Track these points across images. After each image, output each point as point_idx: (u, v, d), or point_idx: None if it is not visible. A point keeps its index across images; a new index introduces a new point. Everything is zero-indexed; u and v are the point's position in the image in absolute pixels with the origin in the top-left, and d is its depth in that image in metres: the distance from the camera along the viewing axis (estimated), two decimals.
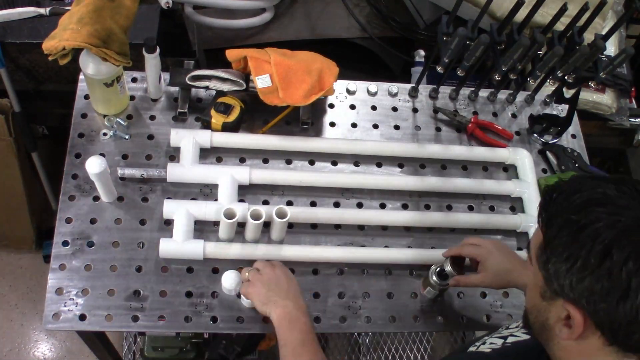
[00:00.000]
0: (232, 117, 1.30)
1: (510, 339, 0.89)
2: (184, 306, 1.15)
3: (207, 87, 1.32)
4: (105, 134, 1.29)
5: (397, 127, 1.43)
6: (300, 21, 1.86)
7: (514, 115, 1.50)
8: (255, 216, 1.15)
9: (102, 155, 1.23)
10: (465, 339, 2.13)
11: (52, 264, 1.15)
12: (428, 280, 1.18)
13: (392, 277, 1.24)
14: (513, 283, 1.11)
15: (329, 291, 1.21)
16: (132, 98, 1.35)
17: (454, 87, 1.49)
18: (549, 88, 1.58)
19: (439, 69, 1.33)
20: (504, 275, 1.10)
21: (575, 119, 1.49)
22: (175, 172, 1.24)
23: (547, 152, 1.44)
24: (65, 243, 1.17)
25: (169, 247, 1.16)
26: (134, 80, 1.38)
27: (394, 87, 1.48)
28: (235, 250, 1.19)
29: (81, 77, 1.34)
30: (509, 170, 1.42)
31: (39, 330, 2.07)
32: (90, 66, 1.19)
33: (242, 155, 1.32)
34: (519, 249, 1.32)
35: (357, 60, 1.92)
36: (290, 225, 1.26)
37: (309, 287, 1.20)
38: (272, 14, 1.81)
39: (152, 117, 1.34)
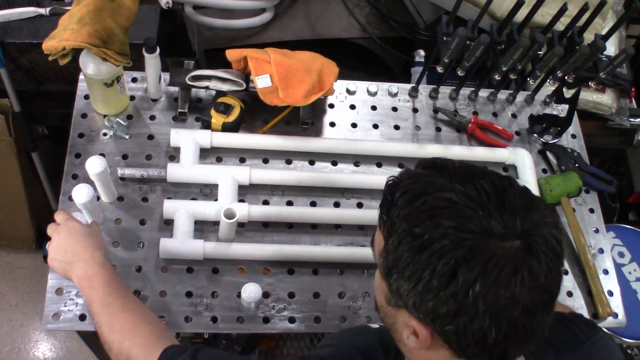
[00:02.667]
0: (232, 117, 1.30)
1: None
2: (184, 306, 1.15)
3: (207, 87, 1.32)
4: (105, 134, 1.29)
5: (397, 127, 1.43)
6: (300, 21, 1.86)
7: (514, 115, 1.50)
8: (229, 215, 1.13)
9: (102, 155, 1.23)
10: None
11: None
12: None
13: None
14: None
15: (329, 291, 1.21)
16: (132, 98, 1.35)
17: (454, 87, 1.49)
18: (549, 88, 1.58)
19: (439, 69, 1.33)
20: None
21: (575, 119, 1.49)
22: (175, 172, 1.24)
23: (547, 152, 1.44)
24: None
25: (169, 247, 1.16)
26: (134, 80, 1.38)
27: (394, 87, 1.48)
28: (235, 250, 1.19)
29: (81, 77, 1.34)
30: (509, 170, 1.42)
31: (39, 330, 2.07)
32: (90, 66, 1.19)
33: (242, 155, 1.32)
34: None
35: (357, 60, 1.92)
36: (290, 225, 1.26)
37: (309, 287, 1.20)
38: (272, 14, 1.81)
39: (152, 117, 1.34)
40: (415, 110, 1.47)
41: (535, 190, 1.35)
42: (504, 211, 0.62)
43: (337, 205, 1.30)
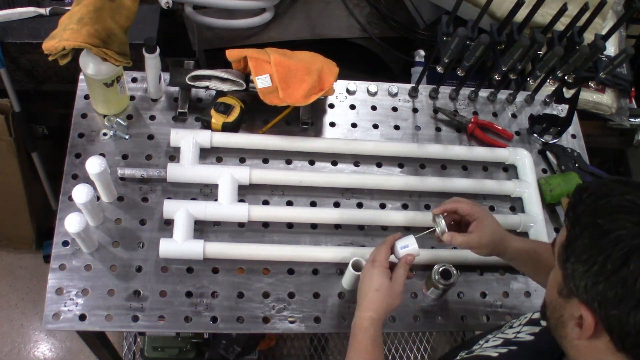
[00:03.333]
0: (232, 117, 1.30)
1: (515, 340, 0.89)
2: (184, 306, 1.15)
3: (207, 87, 1.32)
4: (105, 134, 1.29)
5: (397, 127, 1.43)
6: (300, 21, 1.86)
7: (514, 115, 1.50)
8: (356, 267, 1.13)
9: (102, 155, 1.23)
10: (465, 339, 2.13)
11: (52, 264, 1.15)
12: (431, 281, 1.17)
13: None
14: (503, 251, 1.09)
15: (329, 291, 1.21)
16: (132, 98, 1.35)
17: (454, 87, 1.49)
18: (549, 88, 1.58)
19: (439, 69, 1.33)
20: (499, 240, 1.08)
21: (575, 119, 1.49)
22: (175, 172, 1.24)
23: (547, 152, 1.44)
24: (65, 243, 1.17)
25: (169, 247, 1.16)
26: (134, 80, 1.38)
27: (394, 87, 1.48)
28: (235, 250, 1.19)
29: (81, 77, 1.34)
30: (509, 170, 1.42)
31: (39, 330, 2.07)
32: (90, 66, 1.19)
33: (242, 155, 1.32)
34: None
35: (357, 60, 1.92)
36: (290, 226, 1.26)
37: (309, 287, 1.20)
38: (272, 14, 1.81)
39: (152, 117, 1.34)
40: (415, 110, 1.47)
41: (535, 190, 1.35)
42: None
43: (337, 205, 1.30)
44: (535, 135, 1.47)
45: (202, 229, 1.22)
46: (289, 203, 1.29)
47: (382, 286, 0.99)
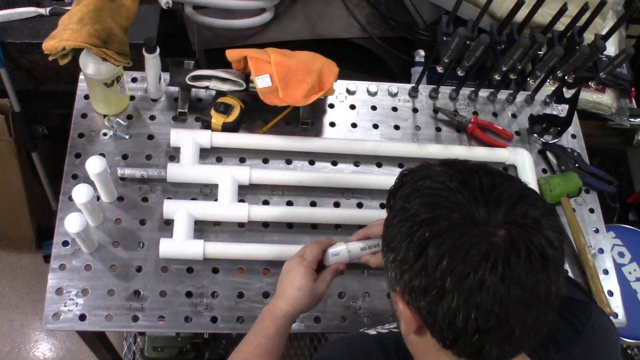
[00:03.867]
0: (232, 117, 1.30)
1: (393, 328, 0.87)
2: (184, 306, 1.15)
3: (207, 87, 1.32)
4: (105, 134, 1.29)
5: (397, 127, 1.43)
6: (300, 21, 1.86)
7: (514, 115, 1.50)
8: None
9: (102, 155, 1.23)
10: None
11: (52, 264, 1.15)
12: None
13: None
14: None
15: (329, 291, 1.20)
16: (132, 98, 1.35)
17: (454, 87, 1.49)
18: (549, 88, 1.58)
19: (439, 69, 1.33)
20: None
21: (575, 119, 1.49)
22: (175, 172, 1.24)
23: (547, 152, 1.44)
24: (65, 243, 1.17)
25: (169, 247, 1.16)
26: (134, 80, 1.38)
27: (394, 87, 1.48)
28: (235, 250, 1.19)
29: (81, 77, 1.34)
30: (509, 170, 1.42)
31: (39, 330, 2.07)
32: (90, 66, 1.19)
33: (242, 155, 1.32)
34: None
35: (357, 60, 1.92)
36: (290, 226, 1.26)
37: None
38: (272, 14, 1.81)
39: (152, 117, 1.34)
40: (415, 110, 1.47)
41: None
42: (491, 200, 0.63)
43: (337, 205, 1.30)
44: (535, 135, 1.47)
45: (202, 229, 1.22)
46: (289, 203, 1.29)
47: (305, 286, 0.98)
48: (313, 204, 1.29)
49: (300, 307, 0.97)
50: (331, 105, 1.44)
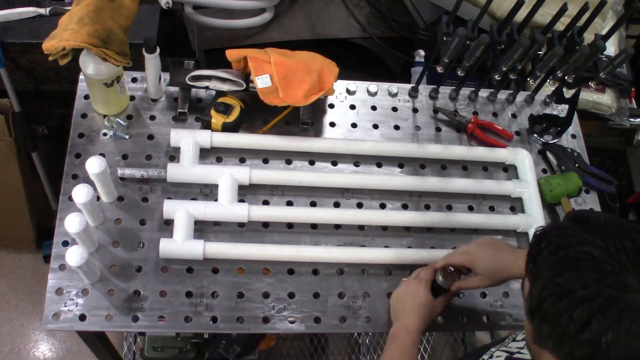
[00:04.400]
0: (232, 117, 1.30)
1: (517, 357, 0.89)
2: (184, 306, 1.15)
3: (207, 87, 1.32)
4: (105, 134, 1.29)
5: (397, 127, 1.43)
6: (300, 21, 1.86)
7: (514, 115, 1.50)
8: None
9: (102, 155, 1.23)
10: (465, 339, 2.13)
11: (52, 264, 1.15)
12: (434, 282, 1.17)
13: (392, 277, 1.24)
14: (510, 277, 1.10)
15: (329, 291, 1.21)
16: (132, 98, 1.35)
17: (454, 87, 1.49)
18: (549, 88, 1.58)
19: (439, 69, 1.33)
20: (499, 273, 1.10)
21: (575, 119, 1.49)
22: (175, 172, 1.24)
23: (547, 152, 1.44)
24: (65, 243, 1.17)
25: (169, 247, 1.16)
26: (134, 80, 1.38)
27: (394, 87, 1.48)
28: (235, 250, 1.19)
29: (81, 77, 1.34)
30: (509, 171, 1.42)
31: (39, 330, 2.07)
32: (90, 66, 1.19)
33: (242, 155, 1.32)
34: (519, 248, 1.32)
35: (357, 60, 1.92)
36: (290, 226, 1.26)
37: (309, 287, 1.20)
38: (272, 14, 1.81)
39: (152, 117, 1.34)
40: (415, 110, 1.47)
41: (535, 190, 1.35)
42: (638, 264, 0.66)
43: (337, 205, 1.30)
44: (535, 135, 1.47)
45: (202, 229, 1.22)
46: (289, 203, 1.29)
47: (428, 302, 1.10)
48: (313, 204, 1.29)
49: (426, 320, 1.10)
50: (331, 105, 1.44)
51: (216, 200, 1.23)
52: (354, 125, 1.42)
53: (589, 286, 0.66)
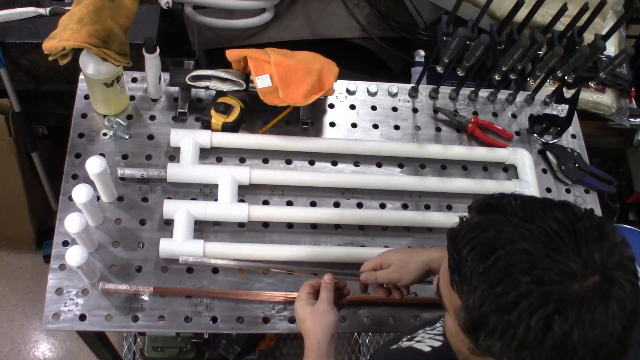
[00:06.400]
0: (232, 117, 1.30)
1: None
2: (184, 306, 1.15)
3: (207, 87, 1.32)
4: (105, 134, 1.29)
5: (397, 127, 1.43)
6: (300, 21, 1.86)
7: (514, 115, 1.50)
8: None
9: (102, 155, 1.23)
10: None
11: (52, 264, 1.15)
12: None
13: None
14: (421, 263, 1.03)
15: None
16: (132, 98, 1.35)
17: (454, 87, 1.49)
18: (549, 88, 1.58)
19: (439, 69, 1.33)
20: (408, 260, 1.04)
21: (575, 119, 1.49)
22: (175, 172, 1.24)
23: (547, 152, 1.44)
24: (65, 243, 1.17)
25: (169, 247, 1.16)
26: (134, 80, 1.38)
27: (394, 87, 1.48)
28: (235, 250, 1.19)
29: (81, 77, 1.34)
30: (509, 170, 1.42)
31: (39, 330, 2.07)
32: (90, 66, 1.19)
33: (242, 155, 1.32)
34: None
35: (357, 60, 1.92)
36: (290, 226, 1.26)
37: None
38: (272, 14, 1.81)
39: (152, 117, 1.34)
40: (415, 110, 1.47)
41: (535, 191, 1.35)
42: (580, 248, 0.62)
43: (337, 205, 1.30)
44: (535, 135, 1.47)
45: (202, 229, 1.22)
46: (289, 203, 1.29)
47: (307, 315, 1.01)
48: (313, 204, 1.29)
49: (318, 330, 1.00)
50: (331, 105, 1.44)
51: (216, 200, 1.23)
52: (354, 125, 1.42)
53: (534, 291, 0.60)
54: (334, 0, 1.85)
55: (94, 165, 1.09)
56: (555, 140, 1.46)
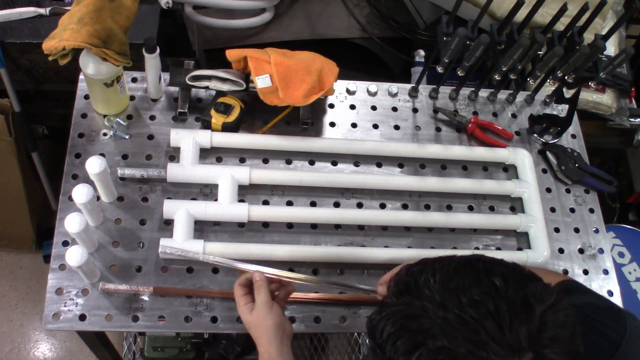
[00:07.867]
0: (232, 117, 1.30)
1: None
2: (184, 306, 1.15)
3: (207, 87, 1.32)
4: (105, 134, 1.29)
5: (397, 127, 1.43)
6: (300, 21, 1.86)
7: (514, 115, 1.50)
8: None
9: (102, 155, 1.23)
10: None
11: (52, 264, 1.15)
12: None
13: None
14: None
15: (329, 291, 1.21)
16: (132, 98, 1.35)
17: (454, 87, 1.49)
18: (549, 88, 1.58)
19: (439, 69, 1.33)
20: None
21: (575, 119, 1.49)
22: (175, 172, 1.24)
23: (547, 152, 1.44)
24: (65, 243, 1.17)
25: (169, 247, 1.16)
26: (134, 80, 1.38)
27: (394, 87, 1.48)
28: (235, 251, 1.19)
29: (81, 77, 1.34)
30: (509, 170, 1.42)
31: (39, 330, 2.07)
32: (90, 66, 1.19)
33: (242, 155, 1.32)
34: (519, 248, 1.32)
35: (357, 60, 1.92)
36: (290, 225, 1.26)
37: (309, 287, 1.20)
38: (272, 14, 1.81)
39: (152, 117, 1.34)
40: (415, 110, 1.47)
41: (535, 190, 1.35)
42: (503, 333, 0.59)
43: (337, 205, 1.30)
44: (535, 135, 1.47)
45: (202, 229, 1.22)
46: (289, 203, 1.29)
47: (249, 323, 1.00)
48: (313, 204, 1.29)
49: (263, 333, 0.98)
50: (331, 105, 1.44)
51: (216, 200, 1.23)
52: (354, 125, 1.42)
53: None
54: (334, 0, 1.85)
55: (94, 165, 1.09)
56: (555, 140, 1.46)
